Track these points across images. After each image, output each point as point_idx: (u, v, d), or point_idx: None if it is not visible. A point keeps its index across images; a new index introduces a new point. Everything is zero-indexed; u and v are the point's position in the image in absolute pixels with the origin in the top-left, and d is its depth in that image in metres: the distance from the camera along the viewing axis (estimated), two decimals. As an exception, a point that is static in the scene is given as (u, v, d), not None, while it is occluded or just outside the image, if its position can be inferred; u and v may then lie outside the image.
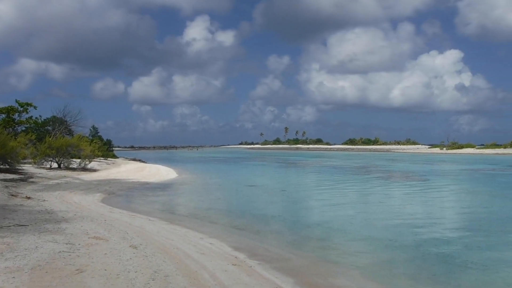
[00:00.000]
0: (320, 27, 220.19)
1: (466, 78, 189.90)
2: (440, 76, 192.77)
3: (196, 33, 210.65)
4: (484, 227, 13.37)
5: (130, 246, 8.48)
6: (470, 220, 14.95)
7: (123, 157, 60.68)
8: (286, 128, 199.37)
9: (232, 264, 8.35)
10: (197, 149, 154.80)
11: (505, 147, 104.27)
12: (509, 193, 22.88)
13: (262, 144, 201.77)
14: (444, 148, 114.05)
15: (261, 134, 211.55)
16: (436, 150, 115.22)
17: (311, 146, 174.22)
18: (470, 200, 20.70)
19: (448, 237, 12.02)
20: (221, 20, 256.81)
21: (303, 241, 11.67)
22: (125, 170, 36.58)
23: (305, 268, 8.85)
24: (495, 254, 10.01)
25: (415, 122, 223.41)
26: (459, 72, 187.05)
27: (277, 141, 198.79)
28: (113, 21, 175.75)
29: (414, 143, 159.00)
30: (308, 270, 8.75)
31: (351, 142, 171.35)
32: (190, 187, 25.97)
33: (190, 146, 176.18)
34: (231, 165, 54.05)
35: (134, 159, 57.83)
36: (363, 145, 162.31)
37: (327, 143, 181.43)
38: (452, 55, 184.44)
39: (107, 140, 65.92)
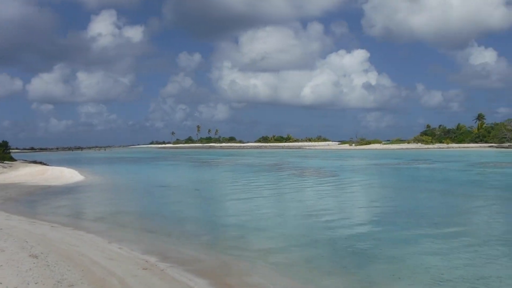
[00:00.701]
0: (231, 25, 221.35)
1: (373, 77, 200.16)
2: (348, 75, 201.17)
3: (102, 28, 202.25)
4: (391, 219, 14.13)
5: (30, 256, 7.96)
6: (378, 213, 15.72)
7: (22, 160, 57.11)
8: (198, 127, 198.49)
9: (143, 268, 8.12)
10: (105, 150, 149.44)
11: (408, 142, 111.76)
12: (413, 185, 24.42)
13: (174, 143, 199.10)
14: (353, 144, 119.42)
15: (173, 133, 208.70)
16: (346, 146, 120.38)
17: (224, 144, 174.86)
18: (378, 193, 21.82)
19: (358, 230, 12.55)
20: (128, 15, 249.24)
21: (217, 241, 11.63)
22: (24, 173, 34.41)
23: (219, 269, 8.82)
24: (402, 244, 10.60)
25: (326, 119, 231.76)
26: (366, 71, 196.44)
27: (190, 140, 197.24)
28: (8, 13, 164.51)
29: (325, 139, 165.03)
30: (223, 270, 8.72)
31: (264, 139, 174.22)
32: (97, 189, 24.96)
33: (97, 147, 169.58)
34: (141, 165, 52.78)
35: (34, 162, 54.56)
36: (276, 142, 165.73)
37: (240, 141, 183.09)
38: (359, 55, 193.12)
39: (2, 141, 61.65)
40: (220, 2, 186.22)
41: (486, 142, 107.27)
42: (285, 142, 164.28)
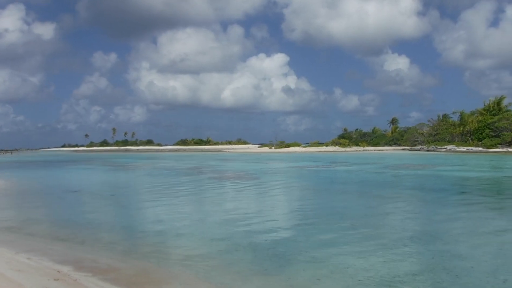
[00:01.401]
0: (150, 25, 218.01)
1: (292, 81, 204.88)
2: (268, 78, 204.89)
3: (9, 23, 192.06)
4: (311, 221, 14.50)
5: None
6: (298, 215, 16.07)
7: None
8: (114, 129, 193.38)
9: (54, 279, 7.73)
10: (12, 153, 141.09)
11: (327, 145, 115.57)
12: (332, 188, 25.25)
13: (87, 146, 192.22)
14: (273, 147, 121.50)
15: (87, 135, 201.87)
16: (266, 149, 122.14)
17: (141, 147, 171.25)
18: (298, 196, 22.32)
19: (279, 232, 12.76)
20: (38, 10, 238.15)
21: (135, 248, 11.32)
22: None
23: (137, 277, 8.59)
24: (321, 246, 10.91)
25: (246, 122, 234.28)
26: (285, 75, 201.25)
27: (105, 143, 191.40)
28: None
29: (245, 142, 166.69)
30: (140, 278, 8.51)
31: (183, 142, 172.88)
32: (1, 196, 23.46)
33: (2, 150, 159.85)
34: (52, 169, 50.30)
35: None
36: (195, 145, 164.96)
37: (159, 144, 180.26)
38: (279, 59, 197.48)
39: None
40: (138, 1, 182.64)
41: (399, 145, 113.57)
42: (205, 145, 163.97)
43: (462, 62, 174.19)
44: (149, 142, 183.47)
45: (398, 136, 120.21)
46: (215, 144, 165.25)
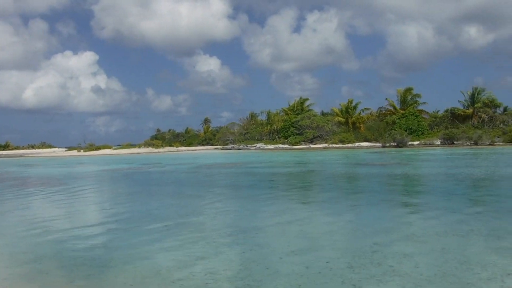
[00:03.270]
0: None
1: (102, 80, 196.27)
2: (76, 77, 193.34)
3: None
4: (123, 225, 14.17)
5: None
6: (110, 220, 15.54)
7: None
8: None
9: None
10: None
11: (139, 147, 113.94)
12: (145, 190, 24.98)
13: None
14: (82, 150, 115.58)
15: None
16: (74, 152, 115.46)
17: None
18: (110, 200, 21.57)
19: (89, 240, 12.19)
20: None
21: None
22: None
23: None
24: (134, 250, 10.72)
25: (51, 124, 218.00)
26: (94, 74, 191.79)
27: None
28: None
29: (50, 146, 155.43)
30: None
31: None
32: None
33: None
34: None
35: None
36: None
37: None
38: (88, 57, 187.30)
39: None
40: None
41: (212, 144, 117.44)
42: (3, 150, 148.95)
43: (269, 64, 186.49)
44: None
45: (211, 136, 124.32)
46: (15, 148, 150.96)
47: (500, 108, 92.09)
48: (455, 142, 76.24)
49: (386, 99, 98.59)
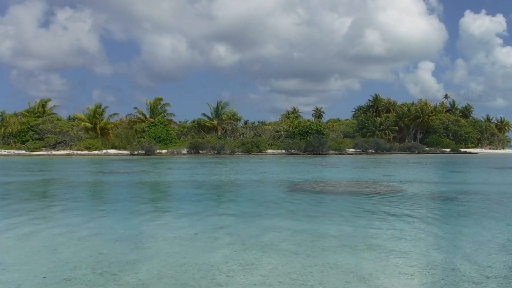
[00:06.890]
0: None
1: None
2: None
3: None
4: None
5: None
6: None
7: None
8: None
9: None
10: None
11: None
12: None
13: None
14: None
15: None
16: None
17: None
18: None
19: None
20: None
21: None
22: None
23: None
24: None
25: None
26: None
27: None
28: None
29: None
30: None
31: None
32: None
33: None
34: None
35: None
36: None
37: None
38: None
39: None
40: None
41: None
42: None
43: (10, 59, 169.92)
44: None
45: None
46: None
47: (241, 121, 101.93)
48: (200, 151, 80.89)
49: (135, 107, 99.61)
